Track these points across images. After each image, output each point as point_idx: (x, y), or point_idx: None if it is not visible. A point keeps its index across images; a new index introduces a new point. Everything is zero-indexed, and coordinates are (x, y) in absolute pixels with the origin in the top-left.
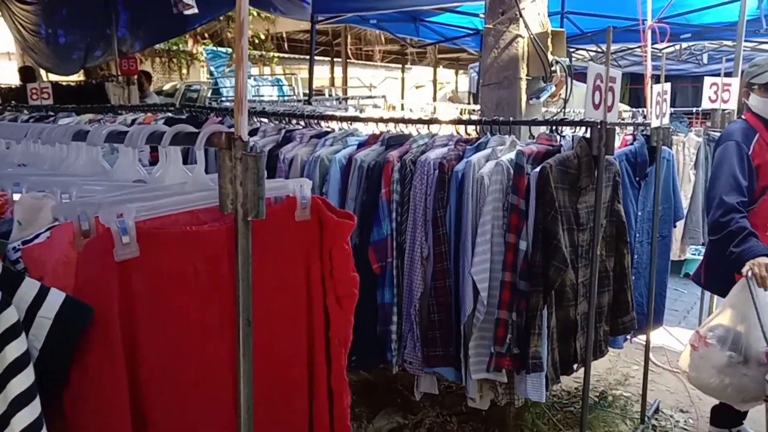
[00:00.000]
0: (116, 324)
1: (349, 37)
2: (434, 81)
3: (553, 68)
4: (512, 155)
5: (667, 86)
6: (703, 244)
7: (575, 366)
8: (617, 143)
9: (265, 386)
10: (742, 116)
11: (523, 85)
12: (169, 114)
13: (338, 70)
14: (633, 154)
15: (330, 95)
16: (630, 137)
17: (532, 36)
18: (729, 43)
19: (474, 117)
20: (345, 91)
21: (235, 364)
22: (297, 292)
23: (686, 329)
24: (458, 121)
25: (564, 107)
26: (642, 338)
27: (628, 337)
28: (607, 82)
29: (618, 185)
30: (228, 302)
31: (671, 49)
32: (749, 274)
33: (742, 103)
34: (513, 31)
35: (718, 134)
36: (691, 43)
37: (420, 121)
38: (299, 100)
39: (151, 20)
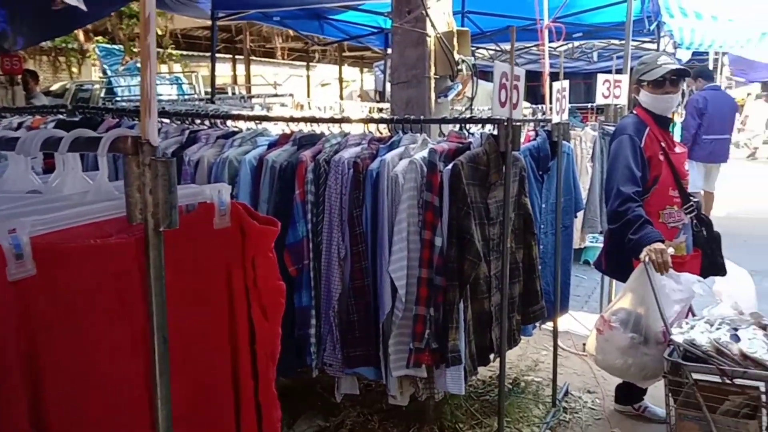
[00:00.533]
0: (14, 349)
1: (251, 34)
2: (340, 79)
3: (459, 67)
4: (425, 153)
5: (566, 83)
6: (601, 233)
7: (491, 356)
8: (521, 139)
9: (187, 405)
10: (633, 111)
11: (432, 83)
12: (61, 116)
13: (240, 68)
14: (536, 149)
15: (233, 93)
16: (532, 133)
17: (438, 35)
18: (617, 42)
19: (383, 115)
20: (249, 89)
21: (151, 385)
22: (218, 304)
23: (589, 314)
24: (370, 120)
25: (471, 105)
26: (549, 325)
27: (538, 324)
28: (512, 81)
29: (524, 179)
30: (140, 320)
31: (565, 47)
32: (646, 259)
33: (632, 99)
34: (420, 30)
35: (612, 128)
36: (582, 42)
37: (332, 120)
38: (201, 99)
39: (35, 16)
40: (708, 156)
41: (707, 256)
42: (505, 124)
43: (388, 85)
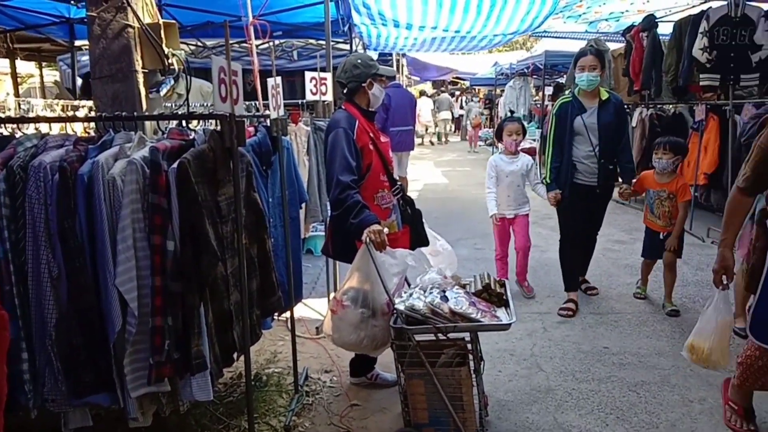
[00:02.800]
0: None
1: None
2: (13, 74)
3: (170, 61)
4: (145, 152)
5: (279, 80)
6: (322, 221)
7: (235, 355)
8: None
9: None
10: (342, 106)
11: (140, 77)
12: None
13: None
14: (258, 144)
15: None
16: (252, 128)
17: (143, 26)
18: (314, 41)
19: (78, 114)
20: None
21: None
22: None
23: (317, 299)
24: (73, 119)
25: (187, 100)
26: (283, 315)
27: (275, 316)
28: (230, 76)
29: (251, 175)
30: None
31: (266, 45)
32: (367, 240)
33: (337, 95)
34: (121, 21)
35: (323, 123)
36: (283, 41)
37: (24, 119)
38: None
39: None
40: (397, 145)
41: (414, 231)
42: (229, 119)
43: (78, 81)
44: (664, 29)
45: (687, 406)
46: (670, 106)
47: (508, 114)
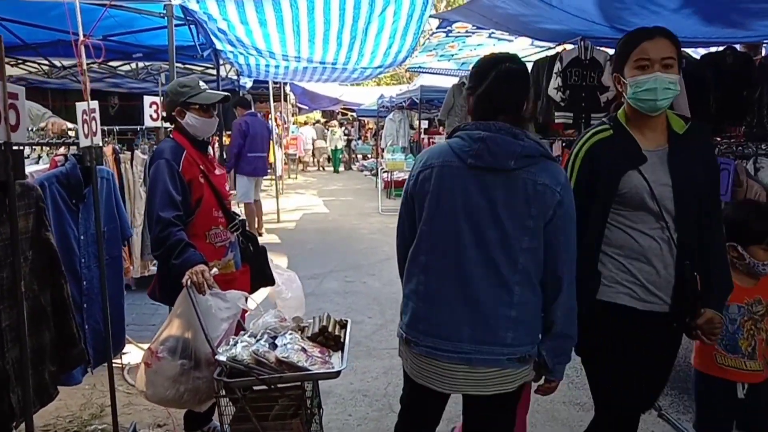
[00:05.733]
0: None
1: None
2: None
3: None
4: None
5: (95, 104)
6: None
7: (14, 423)
8: (46, 165)
9: None
10: (170, 135)
11: None
12: None
13: None
14: (65, 175)
15: None
16: (61, 158)
17: None
18: (180, 65)
19: None
20: None
21: None
22: None
23: None
24: None
25: None
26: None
27: (90, 369)
28: (6, 99)
29: (43, 211)
30: None
31: (126, 66)
32: (188, 282)
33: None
34: None
35: None
36: (148, 63)
37: None
38: None
39: None
40: (253, 170)
41: (256, 270)
42: (3, 148)
43: None
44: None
45: None
46: None
47: (389, 146)
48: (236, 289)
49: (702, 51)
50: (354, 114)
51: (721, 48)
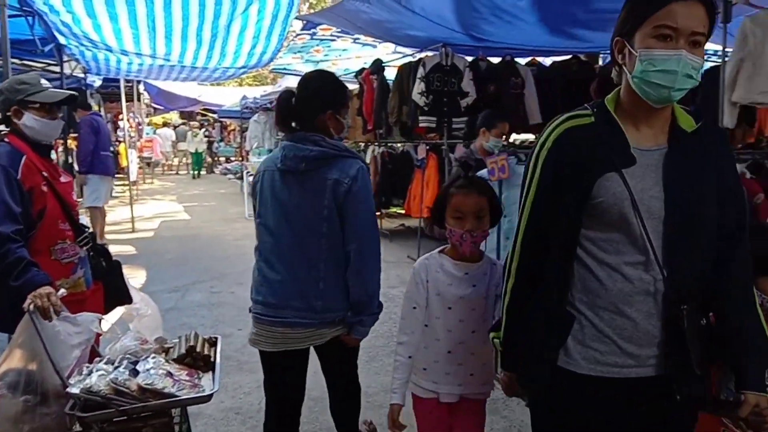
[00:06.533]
0: None
1: None
2: None
3: None
4: None
5: None
6: None
7: None
8: None
9: None
10: (6, 139)
11: None
12: None
13: None
14: None
15: None
16: None
17: None
18: (17, 60)
19: None
20: None
21: None
22: None
23: None
24: None
25: None
26: None
27: None
28: None
29: None
30: None
31: None
32: (31, 307)
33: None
34: None
35: None
36: None
37: None
38: None
39: None
40: (106, 169)
41: (110, 287)
42: None
43: None
44: (390, 74)
45: None
46: (399, 144)
47: (255, 148)
48: (88, 310)
49: (549, 61)
50: (215, 115)
51: (567, 57)
